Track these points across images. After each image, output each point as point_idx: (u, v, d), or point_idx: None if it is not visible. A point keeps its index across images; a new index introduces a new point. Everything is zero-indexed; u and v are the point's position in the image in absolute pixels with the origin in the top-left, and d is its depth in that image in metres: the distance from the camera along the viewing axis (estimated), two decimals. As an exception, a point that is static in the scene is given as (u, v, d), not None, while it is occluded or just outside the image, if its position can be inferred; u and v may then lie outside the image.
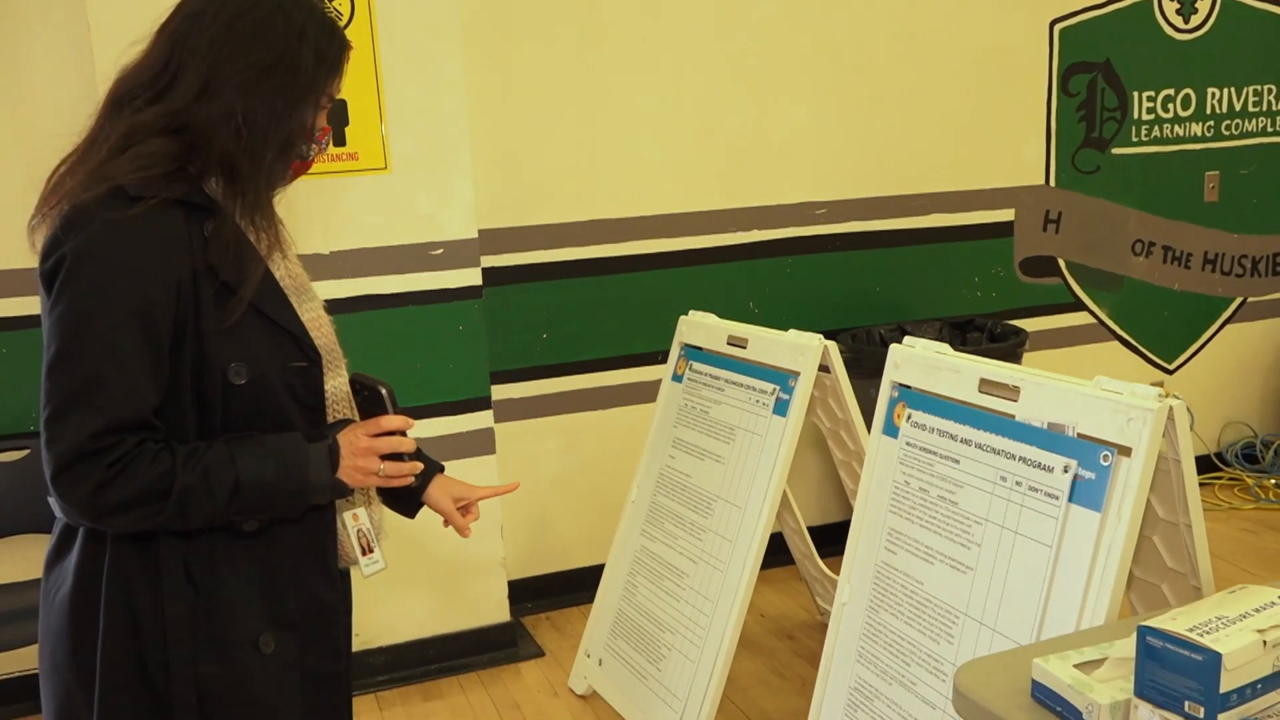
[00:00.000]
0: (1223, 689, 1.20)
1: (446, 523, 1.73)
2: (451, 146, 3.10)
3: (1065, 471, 1.81)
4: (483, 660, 3.33)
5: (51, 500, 1.38)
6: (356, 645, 1.52)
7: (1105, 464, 1.74)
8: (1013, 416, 1.94)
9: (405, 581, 3.21)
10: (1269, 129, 4.41)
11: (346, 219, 3.01)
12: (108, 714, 1.37)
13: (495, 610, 3.36)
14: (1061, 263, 4.22)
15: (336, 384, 1.53)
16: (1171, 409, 1.69)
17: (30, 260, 1.37)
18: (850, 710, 2.25)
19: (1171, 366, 4.51)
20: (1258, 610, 1.28)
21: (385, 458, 1.49)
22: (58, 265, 1.33)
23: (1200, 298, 4.47)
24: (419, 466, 1.54)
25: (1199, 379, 4.53)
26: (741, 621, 2.62)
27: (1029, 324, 4.14)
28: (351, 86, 2.95)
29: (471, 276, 3.18)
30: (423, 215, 3.10)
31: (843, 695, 2.28)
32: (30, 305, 3.02)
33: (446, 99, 3.08)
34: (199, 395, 1.38)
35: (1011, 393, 1.95)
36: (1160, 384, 4.48)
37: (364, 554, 1.51)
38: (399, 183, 3.06)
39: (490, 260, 3.42)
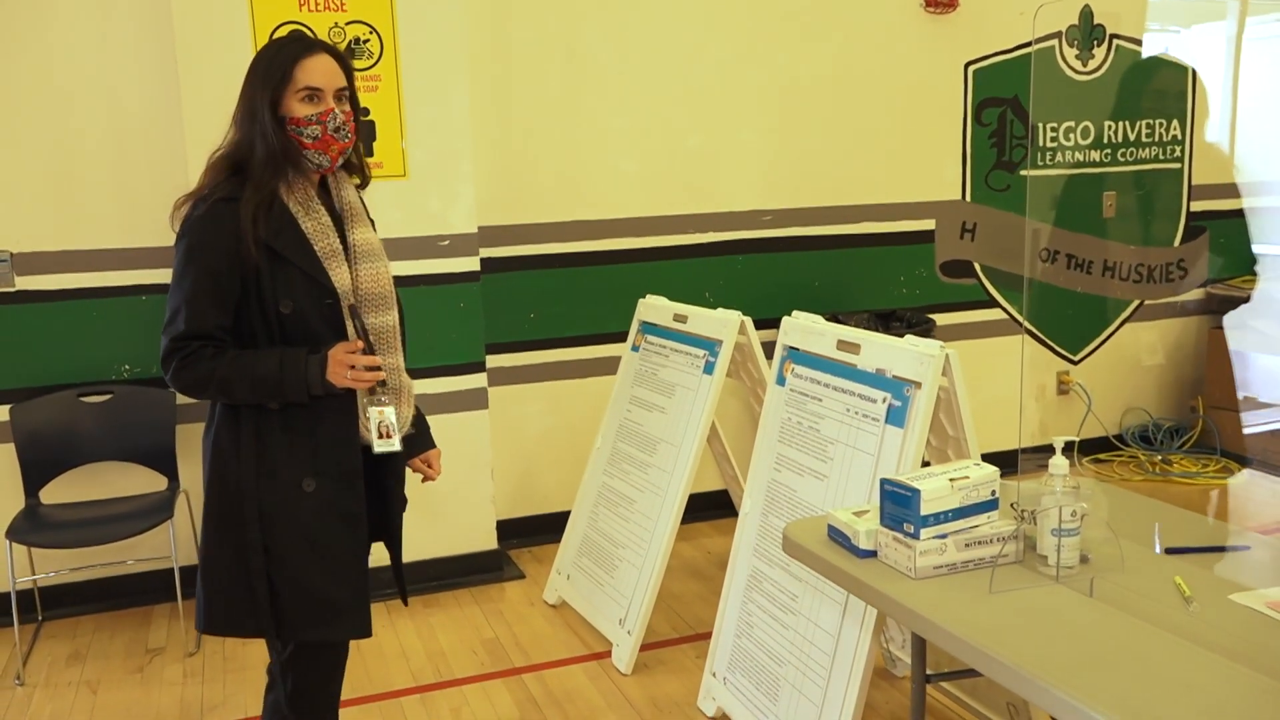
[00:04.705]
0: (923, 513, 1.92)
1: (424, 479, 2.46)
2: (457, 158, 3.81)
3: (883, 402, 2.53)
4: (473, 580, 4.03)
5: None
6: (372, 562, 2.24)
7: (907, 395, 2.46)
8: (855, 365, 2.66)
9: (413, 513, 3.90)
10: (1160, 157, 5.09)
11: (372, 215, 3.72)
12: (210, 519, 2.14)
13: (485, 539, 4.07)
14: (976, 266, 4.92)
15: (384, 320, 2.22)
16: (948, 356, 2.41)
17: (107, 244, 2.45)
18: (748, 591, 2.97)
19: (1076, 358, 5.17)
20: (956, 470, 2.00)
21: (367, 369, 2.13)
22: (176, 243, 2.11)
23: (1101, 299, 5.14)
24: (380, 375, 2.15)
25: (1101, 370, 5.18)
26: (675, 532, 3.32)
27: (948, 318, 4.81)
28: (378, 111, 3.69)
29: (472, 264, 3.89)
30: (433, 213, 3.82)
31: (744, 581, 2.99)
32: (115, 279, 3.79)
33: (454, 120, 3.79)
34: (264, 320, 2.12)
35: (855, 349, 2.67)
36: (1065, 373, 5.20)
37: (382, 438, 2.18)
38: (415, 186, 3.78)
39: (487, 251, 4.11)
